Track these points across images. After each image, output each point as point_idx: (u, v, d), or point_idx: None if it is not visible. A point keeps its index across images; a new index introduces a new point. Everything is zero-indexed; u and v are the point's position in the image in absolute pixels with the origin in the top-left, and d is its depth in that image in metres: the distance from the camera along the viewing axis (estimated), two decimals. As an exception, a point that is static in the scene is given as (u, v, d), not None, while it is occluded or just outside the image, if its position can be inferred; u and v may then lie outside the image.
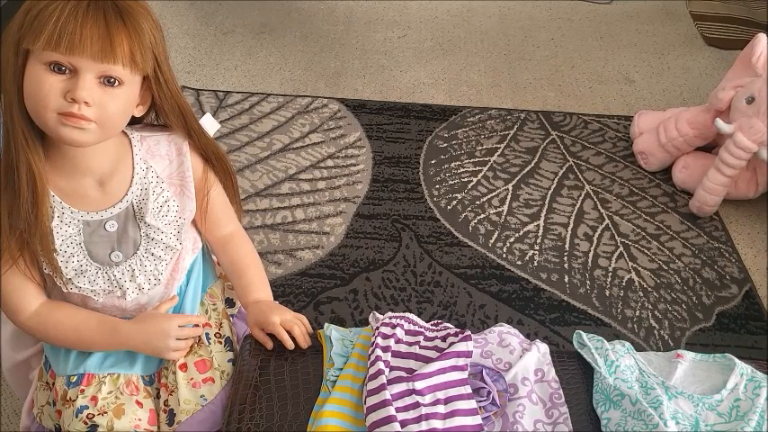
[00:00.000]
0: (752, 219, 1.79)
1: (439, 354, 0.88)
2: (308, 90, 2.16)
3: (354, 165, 1.87)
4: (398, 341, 0.91)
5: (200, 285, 0.97)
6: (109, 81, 0.75)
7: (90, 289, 0.84)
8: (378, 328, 0.92)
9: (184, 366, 0.90)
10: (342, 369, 0.88)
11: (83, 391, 0.86)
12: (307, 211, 1.71)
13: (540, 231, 1.70)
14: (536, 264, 1.61)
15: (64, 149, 0.79)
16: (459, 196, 1.79)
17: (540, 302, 1.51)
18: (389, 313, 0.96)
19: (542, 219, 1.74)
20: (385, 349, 0.88)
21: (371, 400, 0.81)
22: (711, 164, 1.70)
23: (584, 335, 0.95)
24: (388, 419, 0.79)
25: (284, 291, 1.49)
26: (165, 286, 0.90)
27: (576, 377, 0.91)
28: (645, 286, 1.57)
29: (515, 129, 2.04)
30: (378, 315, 0.96)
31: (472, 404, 0.83)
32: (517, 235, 1.68)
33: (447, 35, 2.49)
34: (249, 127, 1.98)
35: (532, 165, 1.91)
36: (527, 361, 0.90)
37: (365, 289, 1.51)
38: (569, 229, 1.71)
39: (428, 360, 0.88)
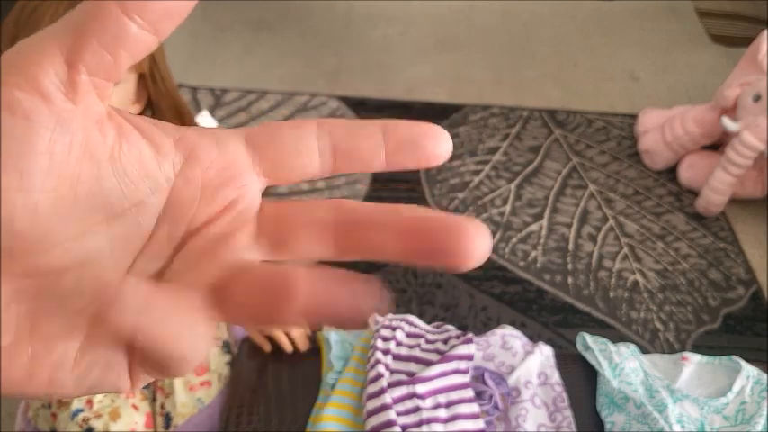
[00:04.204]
0: (758, 219, 1.77)
1: (440, 356, 0.87)
2: (306, 88, 2.14)
3: (355, 163, 1.85)
4: (399, 344, 0.90)
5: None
6: (103, 79, 0.73)
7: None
8: (378, 331, 0.90)
9: (181, 369, 0.89)
10: (341, 372, 0.87)
11: (78, 394, 0.85)
12: (307, 211, 1.70)
13: (544, 232, 1.68)
14: (539, 265, 1.59)
15: None
16: (460, 196, 1.77)
17: (543, 304, 1.50)
18: (390, 315, 0.95)
19: (546, 219, 1.72)
20: (385, 352, 0.87)
21: (371, 404, 0.80)
22: (717, 163, 1.68)
23: (588, 337, 0.93)
24: (389, 424, 0.78)
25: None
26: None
27: (580, 380, 0.90)
28: (650, 288, 1.55)
29: (518, 127, 2.02)
30: (378, 317, 0.95)
31: (474, 408, 0.82)
32: (520, 235, 1.67)
33: (448, 32, 2.47)
34: (247, 125, 1.97)
35: (536, 164, 1.89)
36: (530, 364, 0.89)
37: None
38: (573, 229, 1.69)
39: (429, 363, 0.87)
